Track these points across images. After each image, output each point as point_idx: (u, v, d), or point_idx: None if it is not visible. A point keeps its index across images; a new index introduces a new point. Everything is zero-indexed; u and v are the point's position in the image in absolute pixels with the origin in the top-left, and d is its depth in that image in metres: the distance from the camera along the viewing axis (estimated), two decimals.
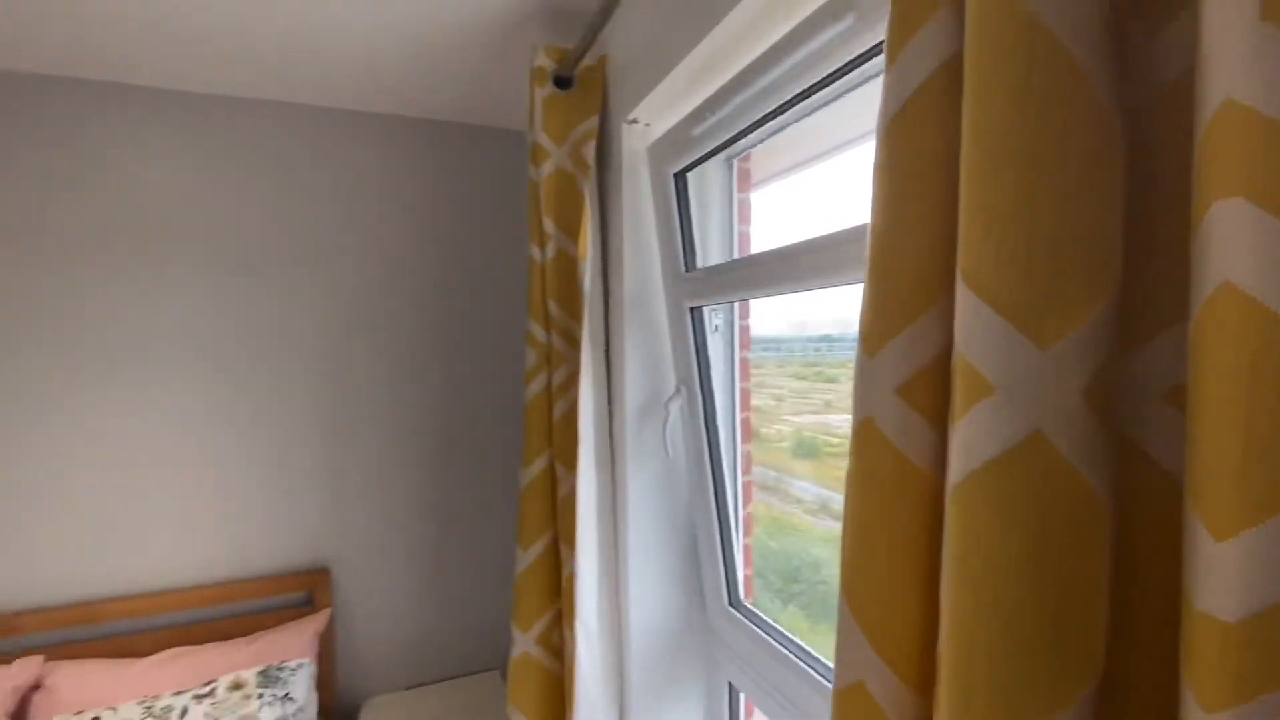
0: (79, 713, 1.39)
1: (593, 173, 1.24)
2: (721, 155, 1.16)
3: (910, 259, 0.41)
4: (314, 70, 1.60)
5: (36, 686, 1.50)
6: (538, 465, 1.36)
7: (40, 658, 1.54)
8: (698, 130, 1.08)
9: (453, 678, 1.99)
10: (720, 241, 1.26)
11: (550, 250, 1.30)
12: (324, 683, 1.76)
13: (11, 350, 1.57)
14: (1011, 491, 0.32)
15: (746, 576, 1.35)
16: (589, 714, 1.24)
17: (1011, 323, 0.33)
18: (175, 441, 1.71)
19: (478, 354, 2.02)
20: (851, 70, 0.81)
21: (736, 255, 1.27)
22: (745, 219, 1.29)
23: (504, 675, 2.00)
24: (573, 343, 1.31)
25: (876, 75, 0.81)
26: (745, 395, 1.37)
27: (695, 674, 1.34)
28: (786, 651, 1.06)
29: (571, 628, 1.23)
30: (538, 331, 1.35)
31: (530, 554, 1.36)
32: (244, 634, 1.71)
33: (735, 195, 1.26)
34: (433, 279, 1.96)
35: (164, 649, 1.63)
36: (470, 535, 2.03)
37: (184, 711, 1.40)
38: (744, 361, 1.35)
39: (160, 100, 1.68)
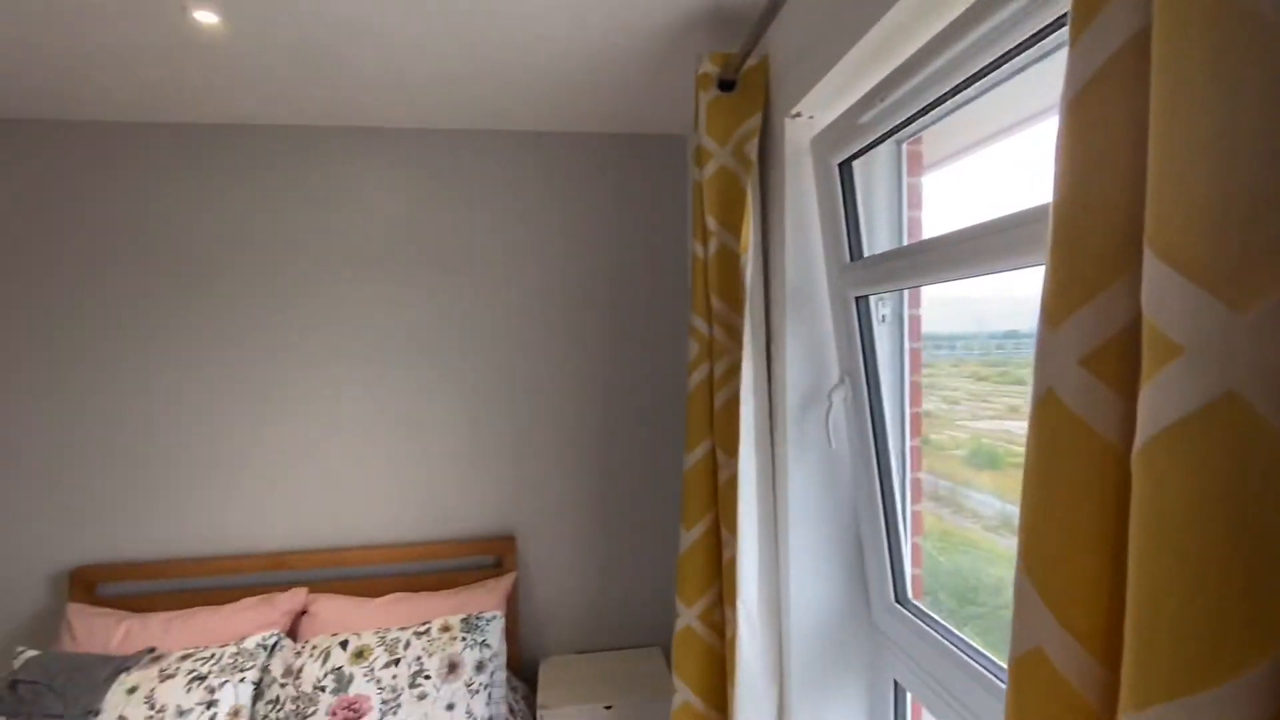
0: (334, 634, 1.74)
1: (755, 169, 1.29)
2: (890, 140, 1.14)
3: (1096, 232, 0.41)
4: (504, 100, 1.83)
5: (304, 611, 1.90)
6: (699, 451, 1.43)
7: (305, 590, 1.94)
8: (865, 118, 1.08)
9: (618, 648, 2.15)
10: (888, 228, 1.24)
11: (712, 246, 1.37)
12: (510, 636, 2.00)
13: (286, 346, 2.00)
14: (1203, 450, 0.31)
15: (915, 576, 1.30)
16: (750, 696, 1.29)
17: (1201, 286, 0.32)
18: (393, 422, 2.05)
19: (643, 348, 2.15)
20: (1029, 48, 0.77)
21: (906, 242, 1.24)
22: (915, 204, 1.25)
23: (664, 652, 2.11)
24: (734, 335, 1.36)
25: (1056, 49, 0.76)
26: (915, 389, 1.32)
27: (857, 669, 1.33)
28: (960, 652, 1.02)
29: (733, 608, 1.28)
30: (700, 324, 1.42)
31: (692, 534, 1.44)
32: (448, 587, 2.00)
33: (905, 180, 1.23)
34: (603, 278, 2.13)
35: (389, 593, 1.97)
36: (636, 516, 2.17)
37: (407, 644, 1.69)
38: (914, 353, 1.30)
39: (384, 139, 2.02)
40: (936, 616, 1.14)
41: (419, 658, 1.66)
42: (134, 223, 1.93)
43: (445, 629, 1.73)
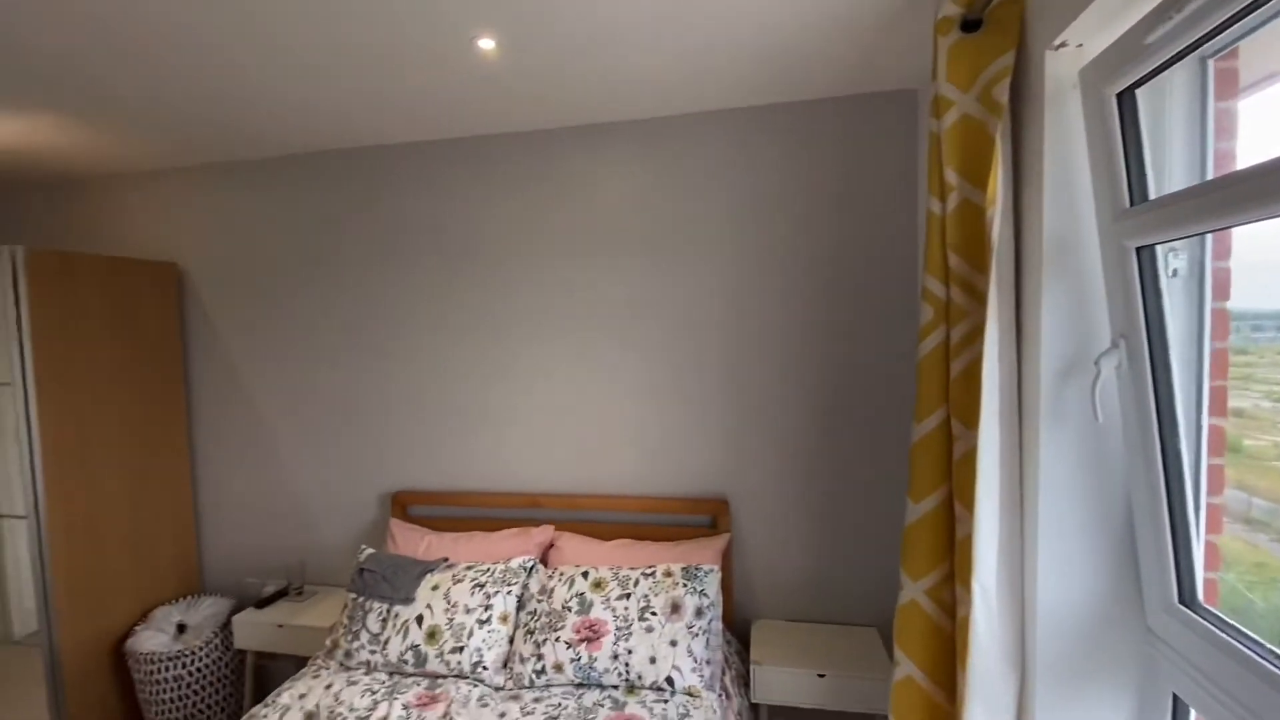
0: (577, 565, 2.02)
1: (1005, 113, 1.17)
2: (1192, 57, 0.96)
3: None
4: (734, 77, 1.89)
5: (551, 545, 2.23)
6: (931, 421, 1.36)
7: (552, 527, 2.27)
8: (1155, 35, 0.92)
9: (831, 622, 2.14)
10: (1185, 166, 1.04)
11: (952, 202, 1.28)
12: (725, 592, 2.11)
13: (548, 323, 2.33)
14: None
15: (1208, 581, 1.10)
16: (984, 680, 1.21)
17: None
18: (630, 390, 2.28)
19: (868, 315, 2.08)
20: None
21: (1210, 178, 1.03)
22: (1226, 133, 1.03)
23: (881, 633, 2.05)
24: (975, 296, 1.27)
25: None
26: (1220, 359, 1.10)
27: (1123, 674, 1.17)
28: (1274, 669, 0.85)
29: (967, 588, 1.21)
30: (935, 287, 1.34)
31: (921, 508, 1.38)
32: (668, 540, 2.18)
33: (1210, 105, 1.02)
34: (828, 243, 2.10)
35: (618, 539, 2.21)
36: (855, 489, 2.12)
37: (636, 582, 1.89)
38: (1218, 315, 1.09)
39: (618, 131, 2.23)
40: (1239, 625, 0.95)
41: (646, 595, 1.85)
42: (430, 221, 2.41)
43: (668, 574, 1.90)
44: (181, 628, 2.46)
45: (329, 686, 1.81)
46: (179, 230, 2.71)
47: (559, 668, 1.78)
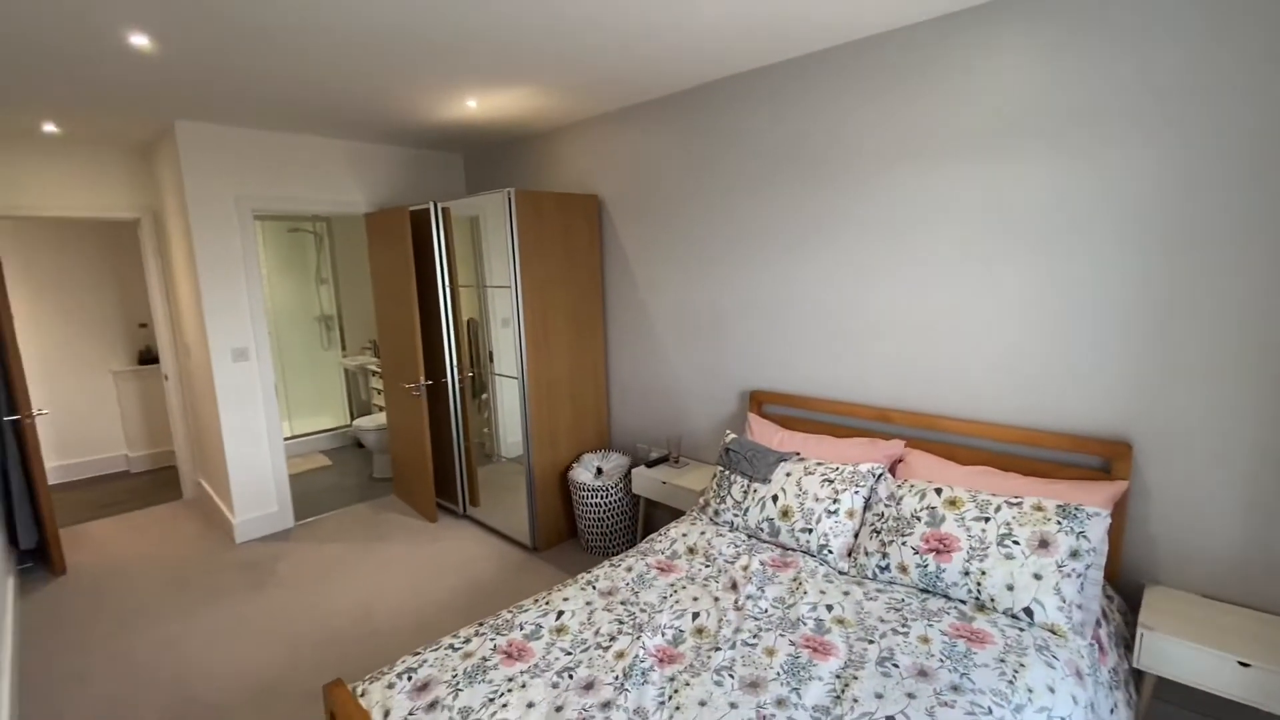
0: (929, 480, 2.03)
1: None
2: None
3: None
4: None
5: (900, 460, 2.27)
6: None
7: (902, 442, 2.30)
8: None
9: (1270, 612, 1.70)
10: None
11: None
12: (1112, 546, 1.86)
13: (915, 239, 2.27)
14: None
15: None
16: None
17: None
18: (997, 302, 2.08)
19: None
20: None
21: None
22: None
23: None
24: None
25: None
26: None
27: None
28: None
29: None
30: None
31: None
32: (1035, 475, 1.99)
33: None
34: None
35: (973, 465, 2.11)
36: None
37: (998, 508, 1.82)
38: None
39: (1008, 8, 1.91)
40: None
41: (1008, 523, 1.77)
42: (795, 137, 2.52)
43: (1038, 509, 1.77)
44: (599, 471, 3.34)
45: (702, 533, 2.28)
46: (597, 167, 3.41)
47: (904, 569, 1.87)
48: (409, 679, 1.53)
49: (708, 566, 2.07)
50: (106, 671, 2.43)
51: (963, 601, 1.77)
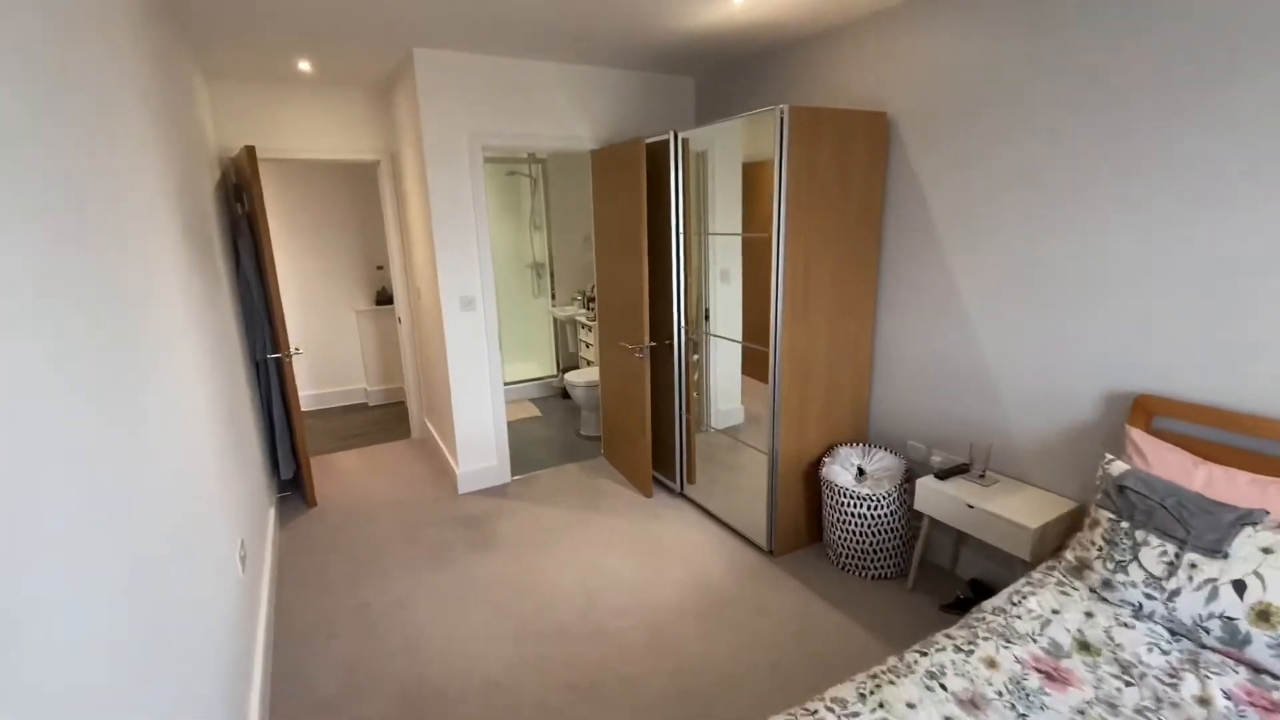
0: None
1: None
2: None
3: None
4: None
5: None
6: None
7: None
8: None
9: None
10: None
11: None
12: None
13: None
14: None
15: None
16: None
17: None
18: None
19: None
20: None
21: None
22: None
23: None
24: None
25: None
26: None
27: None
28: None
29: None
30: None
31: None
32: None
33: None
34: None
35: None
36: None
37: None
38: None
39: None
40: None
41: None
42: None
43: None
44: (860, 472, 2.65)
45: (1088, 615, 1.51)
46: (887, 77, 2.57)
47: None
48: None
49: (1128, 684, 1.32)
50: (350, 627, 2.38)
51: None
